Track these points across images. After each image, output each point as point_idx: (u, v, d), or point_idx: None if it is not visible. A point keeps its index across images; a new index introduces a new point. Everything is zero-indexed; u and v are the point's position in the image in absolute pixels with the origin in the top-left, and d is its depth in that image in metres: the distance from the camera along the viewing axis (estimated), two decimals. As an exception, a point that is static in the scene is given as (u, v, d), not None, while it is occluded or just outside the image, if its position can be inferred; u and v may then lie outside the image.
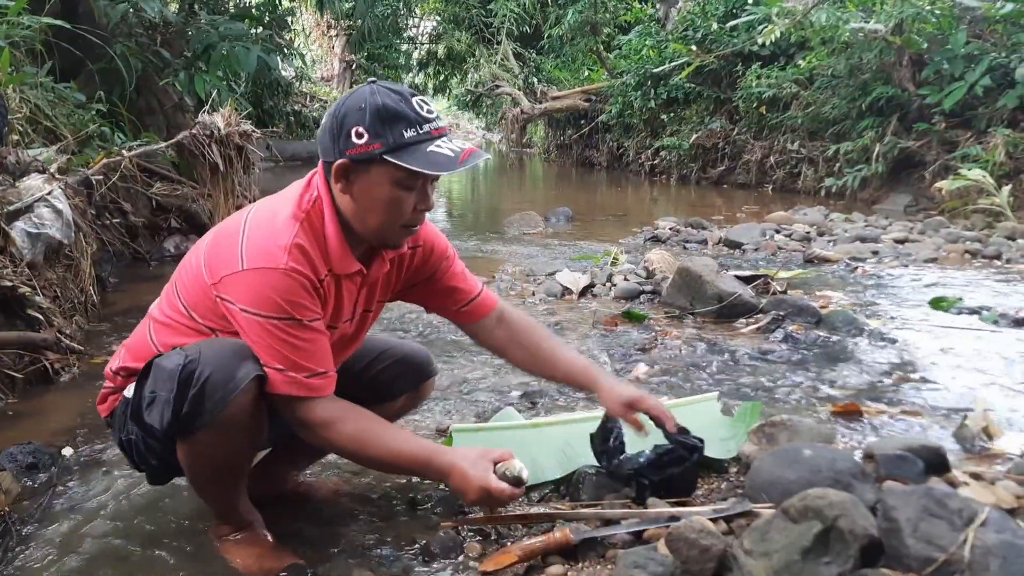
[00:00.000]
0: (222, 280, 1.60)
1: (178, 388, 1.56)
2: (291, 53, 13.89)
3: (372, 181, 1.60)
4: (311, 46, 21.83)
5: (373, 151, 1.55)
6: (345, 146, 1.57)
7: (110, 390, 1.85)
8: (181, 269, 1.78)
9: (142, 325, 1.83)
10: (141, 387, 1.66)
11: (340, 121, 1.58)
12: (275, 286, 1.56)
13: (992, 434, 2.31)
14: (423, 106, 1.60)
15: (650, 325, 3.89)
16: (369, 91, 1.58)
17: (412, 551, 1.84)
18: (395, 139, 1.55)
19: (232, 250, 1.61)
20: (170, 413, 1.57)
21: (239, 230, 1.64)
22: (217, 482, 1.77)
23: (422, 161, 1.56)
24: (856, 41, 9.31)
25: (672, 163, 13.09)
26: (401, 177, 1.58)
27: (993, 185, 6.93)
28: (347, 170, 1.60)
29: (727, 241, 6.46)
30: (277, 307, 1.56)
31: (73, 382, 3.15)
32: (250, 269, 1.57)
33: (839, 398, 2.80)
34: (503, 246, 6.74)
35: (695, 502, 1.93)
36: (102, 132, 5.37)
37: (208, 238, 1.75)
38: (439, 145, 1.58)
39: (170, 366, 1.59)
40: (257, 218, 1.67)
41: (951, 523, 1.28)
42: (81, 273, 4.04)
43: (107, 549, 1.89)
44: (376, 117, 1.55)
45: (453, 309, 2.01)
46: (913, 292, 4.55)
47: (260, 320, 1.57)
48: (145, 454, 1.72)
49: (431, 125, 1.59)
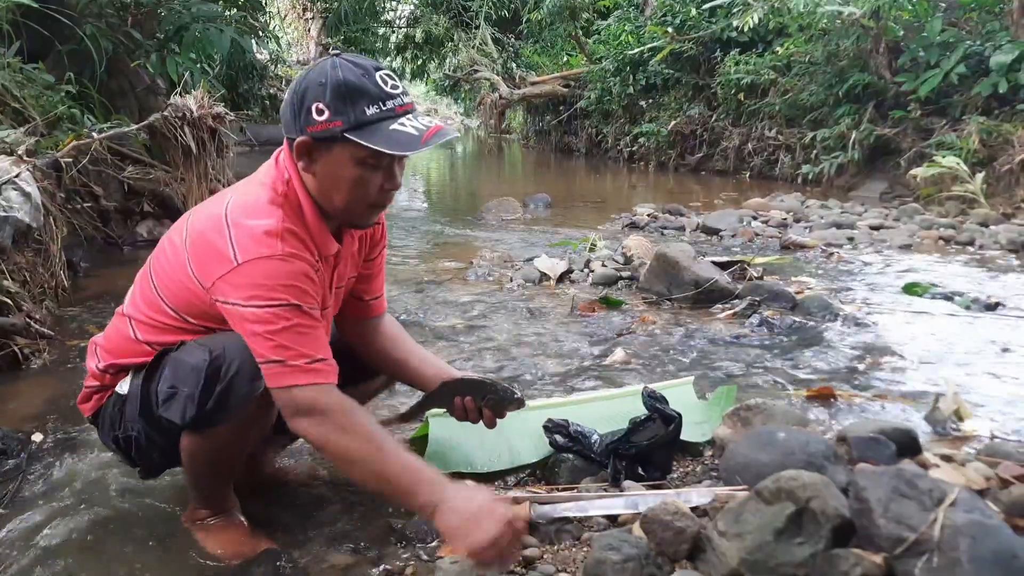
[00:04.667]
0: (217, 282, 1.52)
1: (205, 383, 1.52)
2: (266, 36, 13.71)
3: (335, 160, 1.53)
4: (286, 29, 21.55)
5: (334, 129, 1.48)
6: (306, 123, 1.50)
7: (95, 388, 1.78)
8: (157, 267, 1.68)
9: (119, 324, 1.76)
10: (149, 382, 1.62)
11: (301, 96, 1.51)
12: (274, 273, 1.49)
13: (963, 417, 2.35)
14: (387, 80, 1.52)
15: (627, 311, 3.90)
16: (331, 64, 1.51)
17: (387, 535, 1.83)
18: (356, 116, 1.48)
19: (221, 248, 1.52)
20: (195, 408, 1.53)
21: (222, 225, 1.54)
22: (218, 472, 1.76)
23: (384, 140, 1.48)
24: (833, 27, 9.35)
25: (651, 150, 13.09)
26: (364, 156, 1.51)
27: (967, 172, 7.01)
28: (309, 148, 1.53)
29: (704, 228, 6.48)
30: (277, 295, 1.49)
31: (43, 368, 3.10)
32: (246, 262, 1.49)
33: (813, 382, 2.82)
34: (481, 232, 6.71)
35: (670, 485, 1.94)
36: (72, 114, 5.26)
37: (188, 235, 1.62)
38: (403, 123, 1.50)
39: (193, 361, 1.54)
40: (237, 210, 1.56)
41: (921, 503, 1.29)
42: (51, 257, 3.97)
43: (78, 535, 1.87)
44: (336, 92, 1.47)
45: (365, 299, 1.94)
46: (887, 278, 4.59)
47: (260, 311, 1.48)
48: (146, 449, 1.69)
49: (395, 101, 1.51)
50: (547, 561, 1.65)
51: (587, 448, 2.04)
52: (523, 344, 3.35)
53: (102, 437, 1.82)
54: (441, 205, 9.48)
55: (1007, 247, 5.40)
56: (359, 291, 1.93)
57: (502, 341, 3.40)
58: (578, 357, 3.19)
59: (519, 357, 3.17)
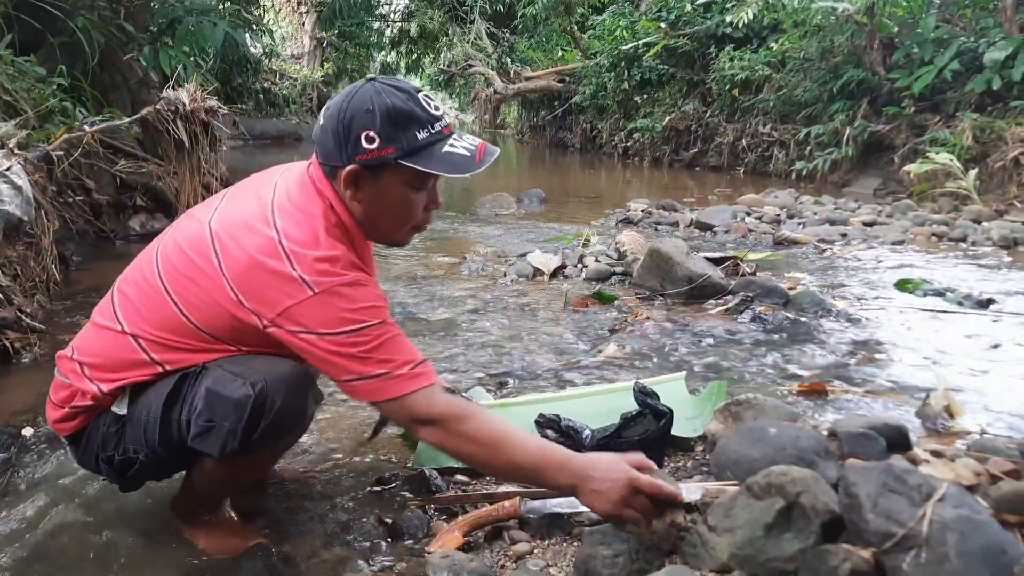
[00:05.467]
0: (288, 311, 1.48)
1: (249, 418, 1.50)
2: (260, 29, 13.67)
3: (384, 185, 1.54)
4: (281, 22, 21.48)
5: (386, 156, 1.49)
6: (355, 151, 1.50)
7: (82, 409, 1.66)
8: (179, 289, 1.57)
9: (118, 343, 1.62)
10: (171, 409, 1.56)
11: (347, 125, 1.49)
12: (353, 299, 1.49)
13: (954, 413, 2.35)
14: (430, 103, 1.53)
15: (620, 306, 3.90)
16: (374, 90, 1.50)
17: (379, 530, 1.83)
18: (409, 143, 1.49)
19: (286, 278, 1.47)
20: (236, 443, 1.51)
21: (280, 255, 1.48)
22: (237, 487, 1.77)
23: (440, 163, 1.50)
24: (828, 23, 9.36)
25: (645, 145, 13.11)
26: (412, 179, 1.54)
27: (960, 169, 7.03)
28: (357, 176, 1.53)
29: (698, 223, 6.48)
30: (358, 319, 1.48)
31: (34, 362, 3.09)
32: (323, 292, 1.47)
33: (805, 377, 2.83)
34: (475, 227, 6.71)
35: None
36: (64, 107, 5.23)
37: (224, 261, 1.52)
38: (452, 144, 1.53)
39: (236, 397, 1.50)
40: (294, 240, 1.50)
41: (910, 499, 1.29)
42: (42, 251, 3.95)
43: (68, 529, 1.86)
44: (387, 120, 1.47)
45: None
46: (880, 274, 4.61)
47: (344, 338, 1.48)
48: (148, 470, 1.66)
49: (441, 123, 1.53)
50: (538, 556, 1.65)
51: (579, 443, 2.04)
52: (516, 339, 3.35)
53: (81, 456, 1.73)
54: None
55: (999, 244, 5.42)
56: None
57: (495, 336, 3.40)
58: (571, 352, 3.19)
59: (512, 352, 3.17)
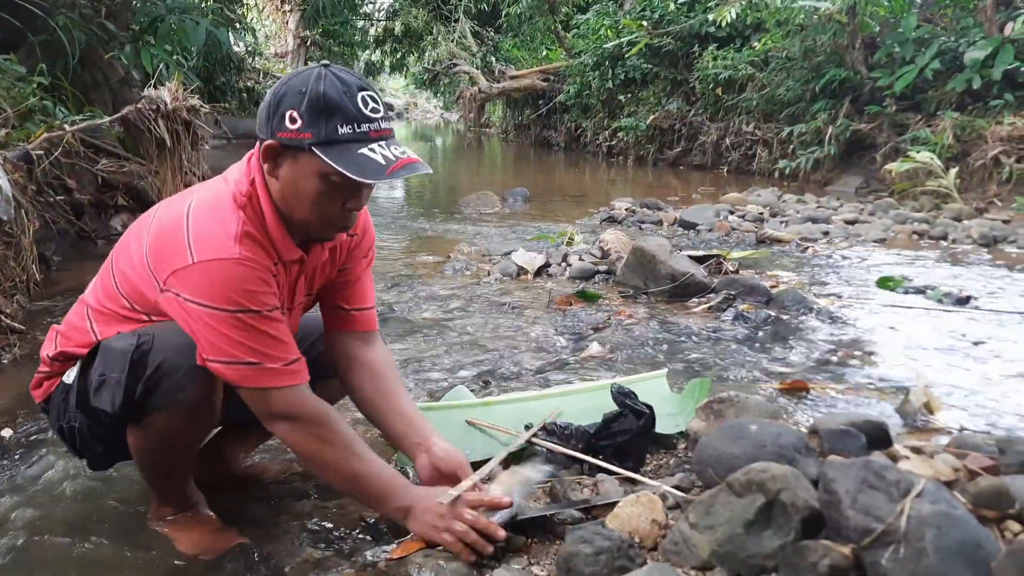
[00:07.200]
0: (170, 277, 1.50)
1: (130, 369, 1.52)
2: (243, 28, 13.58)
3: (299, 169, 1.50)
4: (264, 21, 21.36)
5: (302, 140, 1.46)
6: (277, 127, 1.48)
7: (45, 375, 1.76)
8: (119, 257, 1.67)
9: (77, 311, 1.74)
10: (87, 372, 1.61)
11: (278, 100, 1.48)
12: (230, 277, 1.47)
13: (933, 409, 2.37)
14: (367, 103, 1.48)
15: (604, 304, 3.91)
16: (316, 75, 1.48)
17: (360, 529, 1.82)
18: (327, 133, 1.45)
19: (178, 243, 1.50)
20: (121, 395, 1.53)
21: (182, 221, 1.52)
22: (166, 464, 1.74)
23: (348, 162, 1.44)
24: (810, 23, 9.41)
25: (629, 144, 13.13)
26: (329, 173, 1.48)
27: (941, 167, 7.09)
28: (276, 152, 1.51)
29: (682, 222, 6.51)
30: (236, 300, 1.47)
31: (14, 362, 3.06)
32: (201, 262, 1.47)
33: (787, 375, 2.85)
34: (459, 226, 6.70)
35: (644, 477, 1.94)
36: (44, 106, 5.18)
37: (150, 229, 1.60)
38: (373, 148, 1.46)
39: (121, 347, 1.54)
40: (200, 206, 1.55)
41: (888, 495, 1.30)
42: (23, 251, 3.92)
43: (47, 531, 1.85)
44: (313, 104, 1.45)
45: (345, 308, 1.86)
46: (862, 272, 4.64)
47: (220, 314, 1.47)
48: (89, 440, 1.68)
49: (371, 125, 1.47)
50: (520, 554, 1.65)
51: (563, 440, 2.05)
52: (499, 337, 3.35)
53: (51, 425, 1.79)
54: (419, 198, 9.45)
55: (979, 241, 5.47)
56: (336, 299, 1.87)
57: (479, 335, 3.40)
58: (554, 351, 3.19)
59: (495, 350, 3.17)
